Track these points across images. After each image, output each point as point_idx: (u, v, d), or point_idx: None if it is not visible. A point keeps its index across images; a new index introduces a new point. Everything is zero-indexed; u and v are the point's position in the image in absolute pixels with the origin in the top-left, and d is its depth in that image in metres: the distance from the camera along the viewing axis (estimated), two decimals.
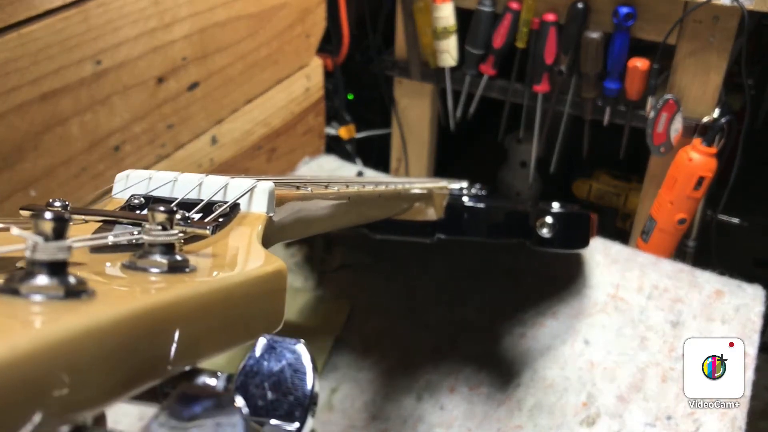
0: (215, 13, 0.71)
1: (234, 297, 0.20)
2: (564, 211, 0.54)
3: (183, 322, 0.17)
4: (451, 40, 0.94)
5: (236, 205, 0.26)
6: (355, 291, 0.69)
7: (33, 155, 0.56)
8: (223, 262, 0.22)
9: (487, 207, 0.56)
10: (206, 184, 0.26)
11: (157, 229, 0.20)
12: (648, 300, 0.64)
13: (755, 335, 0.60)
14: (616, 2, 0.83)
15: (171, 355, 0.17)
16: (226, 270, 0.21)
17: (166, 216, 0.20)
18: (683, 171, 0.82)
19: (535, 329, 0.63)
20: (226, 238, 0.24)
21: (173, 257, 0.19)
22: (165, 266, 0.19)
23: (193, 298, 0.18)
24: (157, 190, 0.27)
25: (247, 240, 0.24)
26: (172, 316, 0.17)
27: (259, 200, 0.26)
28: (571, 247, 0.57)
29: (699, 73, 0.82)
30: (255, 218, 0.25)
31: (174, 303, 0.17)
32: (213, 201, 0.26)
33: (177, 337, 0.17)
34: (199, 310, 0.18)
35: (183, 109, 0.71)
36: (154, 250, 0.19)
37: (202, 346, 0.19)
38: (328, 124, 1.08)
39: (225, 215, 0.25)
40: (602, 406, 0.56)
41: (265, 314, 0.22)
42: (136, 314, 0.16)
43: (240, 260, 0.23)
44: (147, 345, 0.16)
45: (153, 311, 0.16)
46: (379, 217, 0.48)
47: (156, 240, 0.19)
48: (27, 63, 0.53)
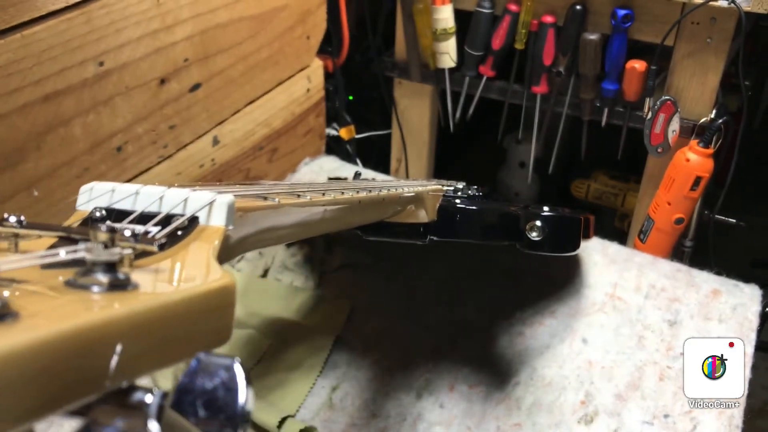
0: (217, 14, 0.72)
1: (174, 314, 0.20)
2: (554, 214, 0.54)
3: (116, 341, 0.17)
4: (451, 42, 0.95)
5: (195, 219, 0.26)
6: (355, 291, 0.70)
7: (35, 156, 0.57)
8: (169, 277, 0.22)
9: (479, 209, 0.56)
10: (167, 197, 0.27)
11: (99, 247, 0.20)
12: (646, 299, 0.65)
13: (752, 334, 0.61)
14: (614, 4, 0.83)
15: (106, 372, 0.17)
16: (169, 287, 0.21)
17: (107, 235, 0.20)
18: (681, 171, 0.82)
19: (534, 328, 0.64)
20: (182, 251, 0.24)
21: (114, 275, 0.19)
22: (105, 285, 0.19)
23: (127, 317, 0.18)
24: (119, 203, 0.27)
25: (203, 255, 0.24)
26: (104, 335, 0.17)
27: (218, 214, 0.26)
28: (561, 250, 0.57)
29: (696, 75, 0.83)
30: (213, 232, 0.26)
31: (106, 323, 0.17)
32: (172, 214, 0.26)
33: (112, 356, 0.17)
34: (135, 329, 0.18)
35: (185, 110, 0.72)
36: (96, 268, 0.19)
37: (139, 363, 0.18)
38: (329, 124, 1.08)
39: (183, 228, 0.25)
40: (600, 404, 0.57)
41: (210, 330, 0.21)
42: (61, 335, 0.15)
43: (187, 276, 0.22)
44: (78, 364, 0.16)
45: (82, 331, 0.16)
46: (362, 223, 0.48)
47: (97, 259, 0.19)
48: (30, 64, 0.54)
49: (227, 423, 0.19)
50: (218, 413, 0.19)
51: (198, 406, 0.19)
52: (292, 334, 0.64)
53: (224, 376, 0.19)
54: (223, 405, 0.19)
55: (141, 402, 0.19)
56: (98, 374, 0.17)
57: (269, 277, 0.71)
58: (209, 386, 0.19)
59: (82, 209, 0.28)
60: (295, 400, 0.58)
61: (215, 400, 0.19)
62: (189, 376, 0.19)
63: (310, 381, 0.60)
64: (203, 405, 0.19)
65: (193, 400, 0.19)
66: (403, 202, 0.53)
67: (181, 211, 0.26)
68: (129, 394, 0.19)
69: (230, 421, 0.19)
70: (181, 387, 0.19)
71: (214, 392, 0.19)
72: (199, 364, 0.19)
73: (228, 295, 0.22)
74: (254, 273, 0.72)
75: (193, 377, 0.19)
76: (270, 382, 0.60)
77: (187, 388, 0.19)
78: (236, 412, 0.19)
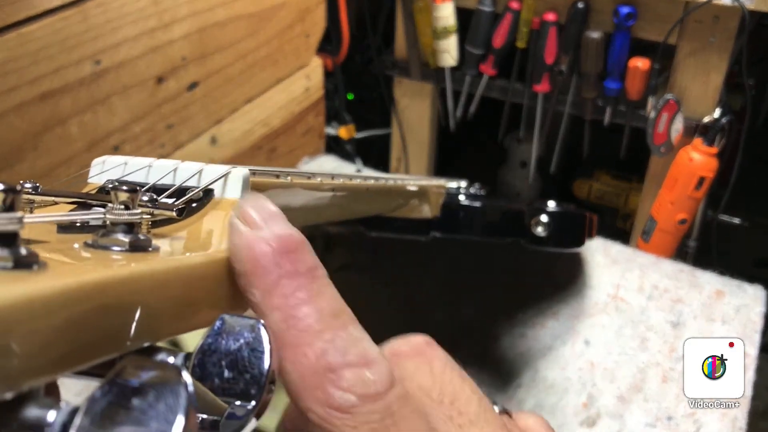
0: (215, 12, 0.71)
1: (195, 277, 0.20)
2: (559, 210, 0.54)
3: (139, 298, 0.17)
4: (451, 40, 0.94)
5: (210, 191, 0.26)
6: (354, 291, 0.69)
7: (32, 155, 0.56)
8: (189, 244, 0.22)
9: (483, 205, 0.56)
10: (180, 170, 0.26)
11: (119, 208, 0.19)
12: (648, 300, 0.64)
13: (756, 335, 0.60)
14: (617, 2, 0.83)
15: (129, 331, 0.17)
16: (190, 251, 0.21)
17: (128, 195, 0.20)
18: (684, 171, 0.82)
19: (536, 330, 0.63)
20: (198, 222, 0.24)
21: (135, 236, 0.19)
22: (126, 245, 0.19)
23: (150, 275, 0.18)
24: (132, 175, 0.27)
25: (218, 225, 0.24)
26: (127, 291, 0.17)
27: (233, 186, 0.26)
28: (566, 246, 0.57)
29: (699, 73, 0.82)
30: (229, 204, 0.25)
31: (128, 279, 0.17)
32: (186, 186, 0.26)
33: (134, 315, 0.17)
34: (156, 289, 0.18)
35: (182, 109, 0.71)
36: (117, 229, 0.19)
37: (161, 324, 0.18)
38: (328, 124, 1.08)
39: (198, 200, 0.25)
40: (603, 406, 0.56)
41: (229, 297, 0.21)
42: (86, 287, 0.15)
43: (206, 243, 0.22)
44: (101, 318, 0.16)
45: (105, 285, 0.16)
46: (367, 213, 0.48)
47: (118, 219, 0.19)
48: (26, 63, 0.53)
49: (253, 383, 0.18)
50: (244, 373, 0.18)
51: (223, 367, 0.19)
52: None
53: (249, 336, 0.19)
54: (249, 365, 0.19)
55: (164, 362, 0.19)
56: (120, 331, 0.17)
57: None
58: (234, 347, 0.19)
59: (93, 182, 0.28)
60: None
61: (241, 360, 0.19)
62: (213, 336, 0.19)
63: None
64: (228, 365, 0.19)
65: (217, 360, 0.19)
66: (408, 195, 0.52)
67: (196, 183, 0.26)
68: (151, 354, 0.19)
69: (256, 382, 0.18)
70: (204, 347, 0.19)
71: (239, 352, 0.19)
72: (224, 325, 0.19)
73: None
74: None
75: (217, 338, 0.19)
76: None
77: (212, 348, 0.19)
78: (262, 372, 0.18)
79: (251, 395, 0.18)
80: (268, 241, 0.18)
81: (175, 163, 0.27)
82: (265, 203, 0.19)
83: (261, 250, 0.18)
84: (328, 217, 0.44)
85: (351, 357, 0.16)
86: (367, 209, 0.47)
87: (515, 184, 1.21)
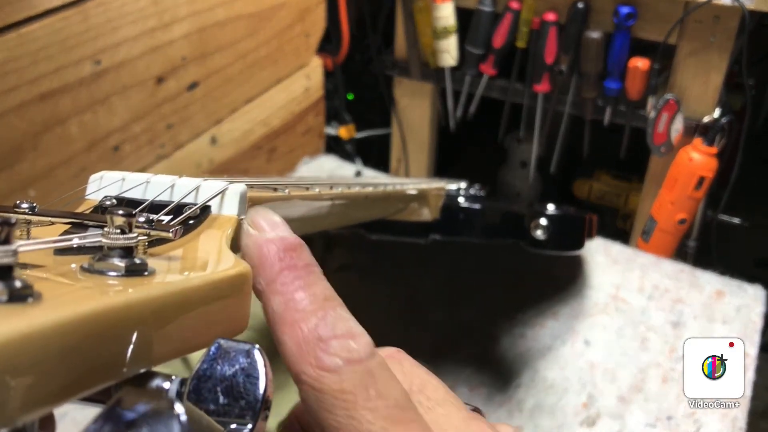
0: (215, 12, 0.71)
1: (191, 301, 0.20)
2: (558, 213, 0.54)
3: (134, 325, 0.17)
4: (451, 40, 0.94)
5: (207, 207, 0.25)
6: (354, 291, 0.69)
7: (32, 155, 0.56)
8: (185, 265, 0.22)
9: (483, 208, 0.56)
10: (178, 186, 0.26)
11: (116, 232, 0.19)
12: (649, 300, 0.64)
13: (756, 335, 0.60)
14: (617, 2, 0.83)
15: (125, 358, 0.17)
16: (186, 273, 0.21)
17: (124, 220, 0.20)
18: (684, 171, 0.82)
19: (536, 330, 0.63)
20: (194, 240, 0.24)
21: (131, 260, 0.19)
22: (122, 269, 0.19)
23: (146, 301, 0.18)
24: (130, 192, 0.27)
25: (215, 243, 0.24)
26: (123, 319, 0.17)
27: (230, 202, 0.26)
28: (565, 249, 0.57)
29: (699, 73, 0.82)
30: (225, 221, 0.25)
31: (125, 306, 0.17)
32: (184, 203, 0.26)
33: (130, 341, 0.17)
34: (153, 314, 0.18)
35: (182, 109, 0.71)
36: (113, 254, 0.19)
37: (157, 349, 0.18)
38: (328, 124, 1.08)
39: (195, 217, 0.25)
40: (603, 406, 0.56)
41: (227, 319, 0.21)
42: (82, 318, 0.15)
43: (203, 263, 0.22)
44: (97, 348, 0.16)
45: (100, 315, 0.16)
46: (367, 219, 0.48)
47: (114, 243, 0.19)
48: (26, 63, 0.53)
49: (248, 409, 0.19)
50: (239, 400, 0.19)
51: (218, 393, 0.19)
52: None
53: (244, 362, 0.19)
54: (244, 391, 0.19)
55: (160, 388, 0.19)
56: (117, 359, 0.17)
57: None
58: (229, 372, 0.19)
59: (91, 198, 0.28)
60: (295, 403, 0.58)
61: (235, 386, 0.19)
62: (208, 362, 0.19)
63: None
64: (223, 391, 0.19)
65: (212, 386, 0.19)
66: (407, 199, 0.52)
67: (193, 200, 0.26)
68: (147, 380, 0.19)
69: (251, 408, 0.19)
70: (200, 373, 0.19)
71: (235, 378, 0.19)
72: (219, 350, 0.19)
73: (244, 282, 0.22)
74: None
75: (213, 363, 0.19)
76: None
77: (207, 374, 0.19)
78: (257, 398, 0.19)
79: (246, 421, 0.18)
80: (272, 241, 0.22)
81: (173, 179, 0.27)
82: (271, 214, 0.23)
83: (267, 248, 0.21)
84: (327, 225, 0.44)
85: (338, 331, 0.20)
86: (366, 215, 0.47)
87: (515, 184, 1.21)
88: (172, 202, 0.25)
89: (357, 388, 0.18)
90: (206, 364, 0.19)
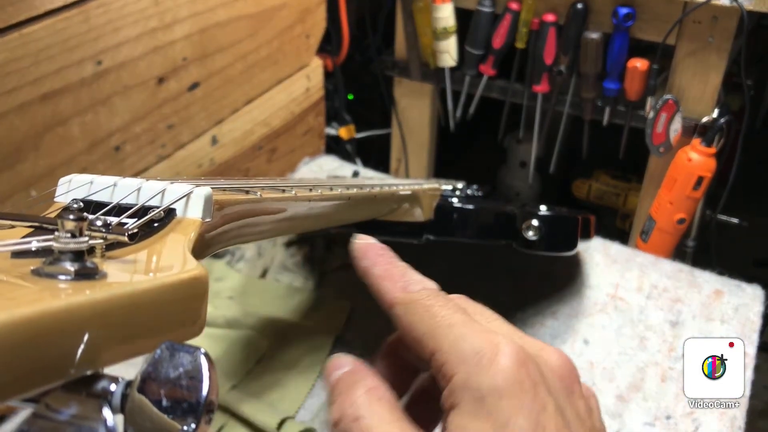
0: (215, 13, 0.71)
1: (142, 304, 0.20)
2: (550, 214, 0.54)
3: (80, 328, 0.17)
4: (451, 41, 0.95)
5: (171, 210, 0.26)
6: (355, 291, 0.69)
7: (33, 155, 0.56)
8: (141, 268, 0.22)
9: (476, 208, 0.56)
10: (144, 189, 0.27)
11: (66, 236, 0.19)
12: (647, 300, 0.64)
13: (754, 335, 0.60)
14: (616, 3, 0.83)
15: (71, 360, 0.17)
16: (140, 277, 0.21)
17: (75, 224, 0.20)
18: (683, 171, 0.82)
19: (535, 329, 0.63)
20: (158, 243, 0.24)
21: (82, 264, 0.19)
22: (72, 273, 0.19)
23: (91, 304, 0.18)
24: (97, 194, 0.27)
25: (177, 246, 0.24)
26: (68, 322, 0.17)
27: (195, 206, 0.26)
28: (558, 250, 0.56)
29: (698, 74, 0.83)
30: (189, 224, 0.25)
31: (69, 309, 0.17)
32: (149, 206, 0.26)
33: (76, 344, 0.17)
34: (100, 317, 0.18)
35: (183, 109, 0.71)
36: (64, 257, 0.19)
37: (106, 352, 0.18)
38: (328, 124, 1.08)
39: (160, 220, 0.25)
40: (602, 405, 0.56)
41: (181, 322, 0.21)
42: (22, 321, 0.16)
43: (161, 266, 0.22)
44: (40, 350, 0.16)
45: (43, 317, 0.16)
46: (354, 220, 0.48)
47: (65, 248, 0.19)
48: (28, 63, 0.53)
49: (190, 412, 0.18)
50: (182, 402, 0.19)
51: (161, 395, 0.19)
52: (291, 334, 0.64)
53: (188, 364, 0.19)
54: (186, 394, 0.19)
55: (105, 390, 0.19)
56: (62, 361, 0.17)
57: (268, 277, 0.71)
58: (173, 375, 0.19)
59: (60, 201, 0.28)
60: (295, 401, 0.58)
61: (179, 389, 0.19)
62: (153, 364, 0.19)
63: (310, 382, 0.60)
64: (167, 393, 0.19)
65: (156, 388, 0.19)
66: (398, 200, 0.52)
67: (158, 203, 0.26)
68: (93, 382, 0.19)
69: (193, 410, 0.18)
70: (144, 375, 0.19)
71: (178, 381, 0.19)
72: (164, 352, 0.19)
73: (199, 286, 0.22)
74: (253, 273, 0.72)
75: (157, 365, 0.19)
76: (269, 383, 0.60)
77: (151, 376, 0.19)
78: (199, 401, 0.19)
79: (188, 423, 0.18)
80: (371, 244, 0.31)
81: (140, 182, 0.27)
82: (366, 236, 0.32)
83: (369, 246, 0.31)
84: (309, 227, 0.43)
85: (416, 278, 0.29)
86: (352, 217, 0.47)
87: (515, 184, 1.21)
88: (137, 204, 0.26)
89: (432, 298, 0.27)
90: (151, 366, 0.19)
